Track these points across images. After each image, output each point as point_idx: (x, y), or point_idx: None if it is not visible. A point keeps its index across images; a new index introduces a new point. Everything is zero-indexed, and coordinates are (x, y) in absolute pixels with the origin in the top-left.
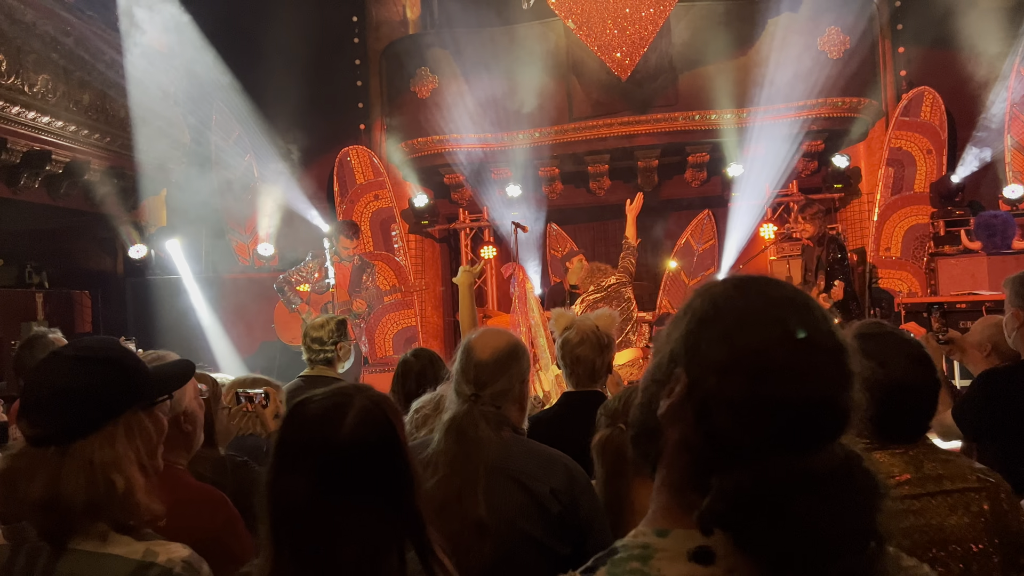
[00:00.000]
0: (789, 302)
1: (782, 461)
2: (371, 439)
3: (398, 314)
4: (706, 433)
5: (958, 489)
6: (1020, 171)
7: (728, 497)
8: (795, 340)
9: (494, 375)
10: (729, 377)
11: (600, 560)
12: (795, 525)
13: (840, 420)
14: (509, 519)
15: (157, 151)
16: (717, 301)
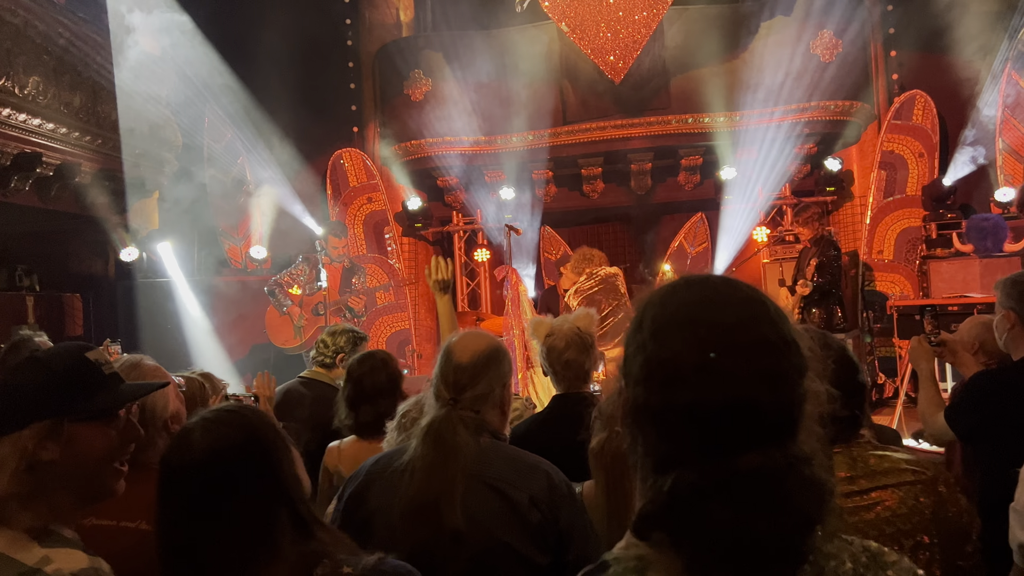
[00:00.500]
0: (705, 304)
1: (701, 466)
2: (220, 447)
3: (392, 317)
4: (643, 442)
5: (893, 484)
6: (1011, 174)
7: (654, 502)
8: (703, 345)
9: (474, 378)
10: (647, 387)
11: (590, 574)
12: (710, 528)
13: (766, 422)
14: (486, 528)
15: (148, 153)
16: (644, 311)
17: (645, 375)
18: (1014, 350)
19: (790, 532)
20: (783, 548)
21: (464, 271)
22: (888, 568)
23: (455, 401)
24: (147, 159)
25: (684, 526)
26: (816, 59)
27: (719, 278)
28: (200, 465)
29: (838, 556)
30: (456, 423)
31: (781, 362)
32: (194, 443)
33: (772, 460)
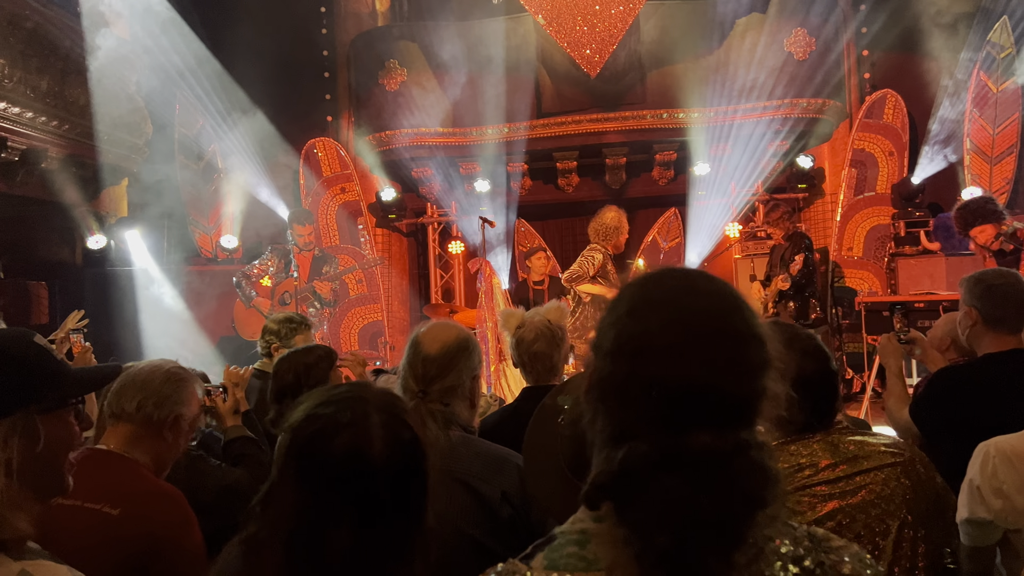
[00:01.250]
0: (683, 290)
1: (655, 439)
2: (397, 465)
3: (364, 308)
4: (605, 414)
5: (875, 467)
6: (978, 174)
7: (606, 472)
8: (676, 325)
9: (443, 370)
10: (615, 359)
11: (538, 547)
12: (655, 500)
13: (725, 405)
14: (454, 524)
15: (118, 140)
16: (623, 293)
17: (615, 347)
18: (977, 346)
19: (732, 512)
20: (723, 526)
21: (438, 263)
22: (831, 552)
23: (424, 394)
24: (116, 145)
25: (631, 496)
26: (790, 57)
27: (699, 271)
28: (377, 463)
29: (780, 538)
30: (425, 416)
31: (746, 354)
32: (374, 437)
33: (722, 442)
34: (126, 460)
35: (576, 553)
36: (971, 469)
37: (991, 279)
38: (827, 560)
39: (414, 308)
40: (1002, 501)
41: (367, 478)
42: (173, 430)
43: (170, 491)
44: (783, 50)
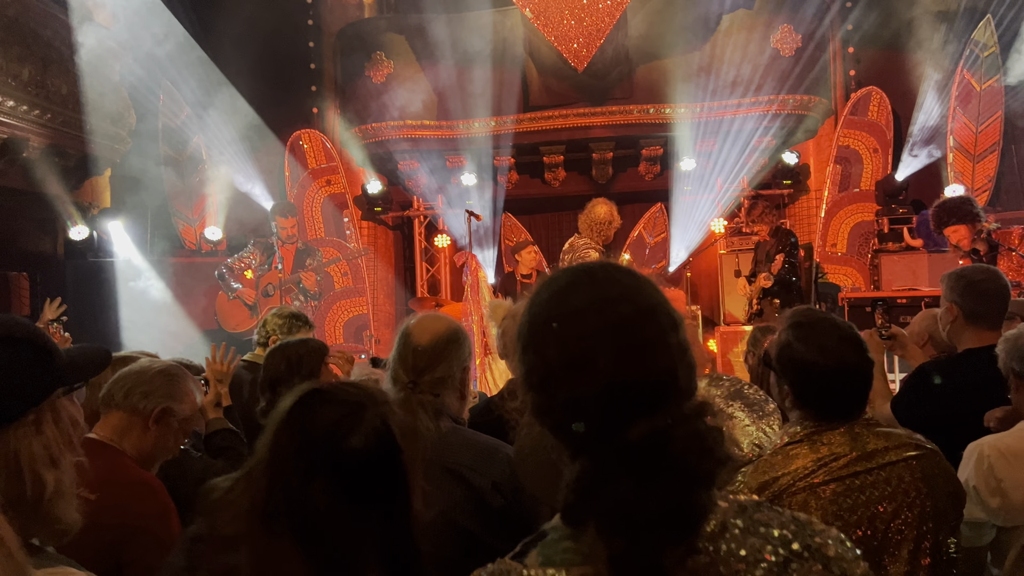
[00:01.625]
0: (559, 301)
1: (597, 449)
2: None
3: (349, 302)
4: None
5: (901, 459)
6: (961, 171)
7: (568, 491)
8: (565, 341)
9: (433, 361)
10: (535, 392)
11: (530, 543)
12: (613, 503)
13: (643, 391)
14: (446, 515)
15: (101, 130)
16: (520, 324)
17: (529, 383)
18: (957, 342)
19: (678, 495)
20: (674, 514)
21: (424, 257)
22: (816, 535)
23: (414, 384)
24: (99, 135)
25: (593, 509)
26: (776, 53)
27: (573, 269)
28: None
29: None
30: (415, 407)
31: (641, 333)
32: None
33: (654, 427)
34: (110, 448)
35: (572, 547)
36: (964, 470)
37: (972, 275)
38: (813, 543)
39: (400, 301)
40: (1000, 499)
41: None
42: (160, 424)
43: (149, 481)
44: (769, 46)
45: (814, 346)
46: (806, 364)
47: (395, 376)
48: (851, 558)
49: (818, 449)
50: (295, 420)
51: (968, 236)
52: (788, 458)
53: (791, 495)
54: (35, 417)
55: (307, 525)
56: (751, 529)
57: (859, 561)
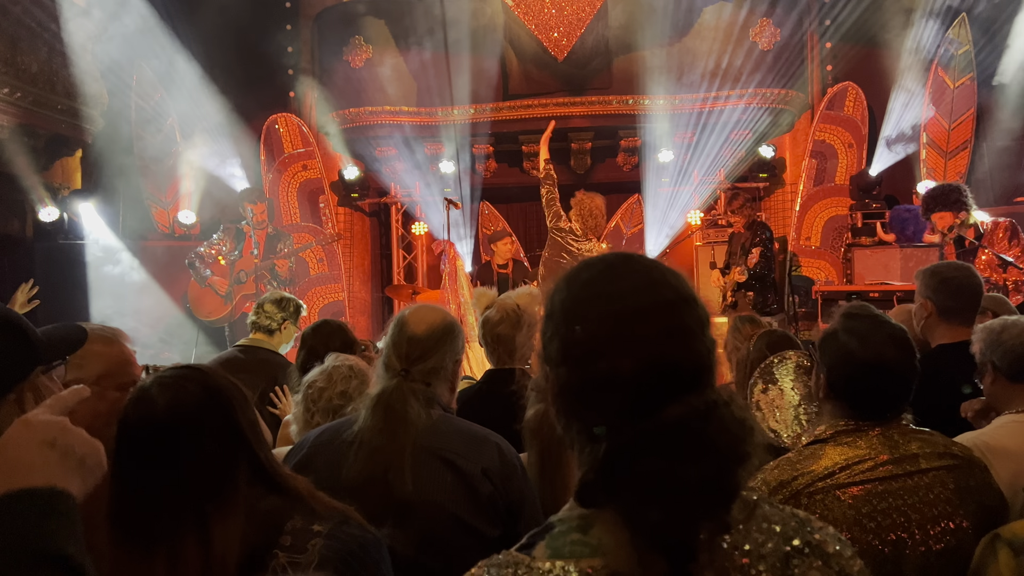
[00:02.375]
0: (605, 279)
1: (629, 427)
2: (180, 402)
3: (324, 288)
4: (576, 418)
5: (934, 468)
6: (933, 168)
7: (591, 468)
8: (611, 317)
9: (427, 351)
10: (567, 368)
11: (537, 536)
12: (643, 481)
13: (680, 374)
14: (436, 500)
15: (72, 110)
16: (553, 299)
17: (563, 357)
18: (931, 337)
19: (716, 471)
20: (708, 488)
21: (401, 244)
22: (816, 532)
23: (406, 372)
24: (70, 115)
25: (621, 485)
26: (755, 46)
27: (614, 254)
28: (159, 421)
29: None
30: (407, 394)
31: (683, 318)
32: (153, 399)
33: (693, 408)
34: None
35: (580, 539)
36: None
37: (946, 272)
38: (813, 539)
39: (376, 288)
40: None
41: (149, 433)
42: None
43: None
44: (749, 40)
45: (856, 336)
46: (844, 352)
47: (388, 363)
48: (848, 555)
49: (844, 450)
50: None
51: (949, 221)
52: (810, 458)
53: (809, 495)
54: (16, 396)
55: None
56: (755, 524)
57: (855, 559)
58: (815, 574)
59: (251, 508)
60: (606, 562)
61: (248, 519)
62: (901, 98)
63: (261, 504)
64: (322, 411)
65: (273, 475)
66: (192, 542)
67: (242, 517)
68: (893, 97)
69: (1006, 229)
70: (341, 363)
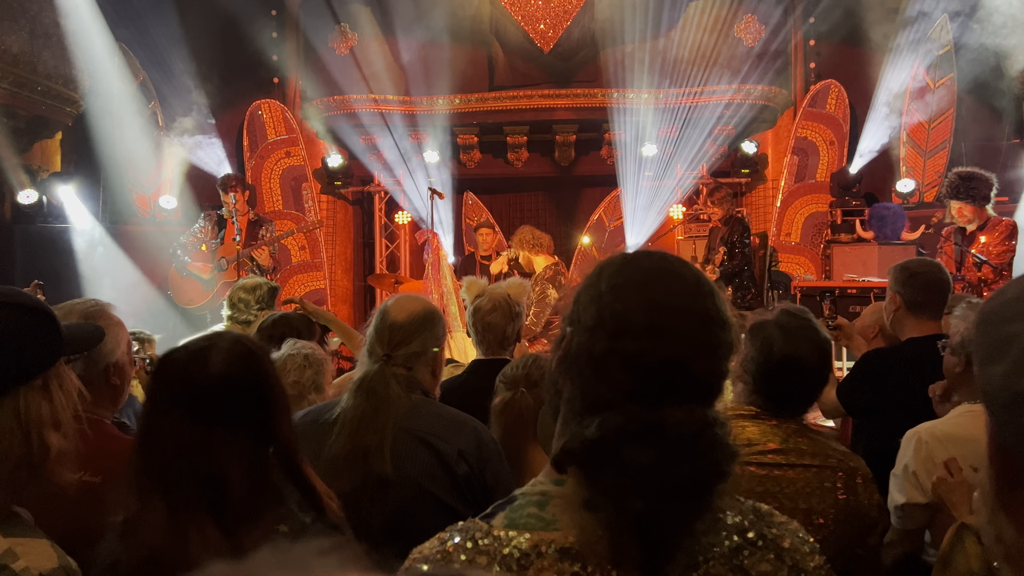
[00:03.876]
0: (662, 272)
1: (631, 411)
2: (237, 372)
3: (306, 275)
4: (578, 385)
5: (817, 465)
6: (913, 166)
7: (579, 438)
8: (655, 306)
9: (408, 336)
10: (595, 334)
11: (499, 507)
12: (630, 467)
13: (696, 383)
14: (414, 479)
15: (52, 91)
16: (603, 271)
17: (596, 323)
18: (899, 331)
19: (702, 481)
20: (693, 494)
21: (384, 233)
22: (774, 527)
23: (388, 357)
24: (51, 97)
25: (603, 463)
26: (740, 43)
27: (675, 257)
28: (216, 379)
29: (727, 510)
30: (389, 377)
31: (718, 335)
32: (213, 361)
33: (693, 418)
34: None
35: (535, 514)
36: (903, 456)
37: (915, 268)
38: (769, 533)
39: (358, 277)
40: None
41: (204, 388)
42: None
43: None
44: (733, 36)
45: (783, 331)
46: (767, 341)
47: (371, 349)
48: (806, 551)
49: (738, 432)
50: (155, 372)
51: (968, 217)
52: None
53: None
54: (42, 382)
55: (173, 464)
56: (709, 516)
57: (814, 555)
58: (766, 566)
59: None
60: (555, 538)
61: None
62: (882, 97)
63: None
64: None
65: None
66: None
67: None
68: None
69: (1007, 227)
70: (297, 351)
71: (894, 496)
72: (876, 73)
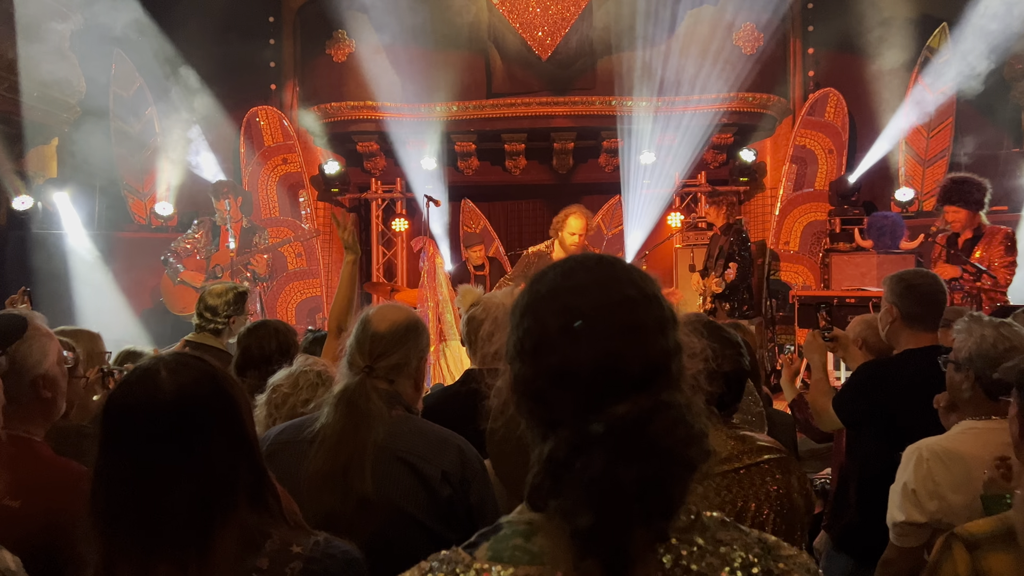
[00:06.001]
0: (567, 275)
1: (575, 424)
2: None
3: (302, 283)
4: (529, 415)
5: (754, 463)
6: (912, 175)
7: (539, 470)
8: (564, 311)
9: (389, 348)
10: (521, 361)
11: (484, 536)
12: (583, 481)
13: (631, 372)
14: (395, 501)
15: (48, 97)
16: (519, 299)
17: (519, 350)
18: (895, 343)
19: (655, 477)
20: (646, 494)
21: (381, 240)
22: (780, 560)
23: (370, 369)
24: (46, 103)
25: (563, 485)
26: (738, 51)
27: (584, 254)
28: (167, 406)
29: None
30: (370, 391)
31: (641, 315)
32: (161, 383)
33: (639, 407)
34: (19, 439)
35: (521, 545)
36: (903, 473)
37: (911, 279)
38: (775, 569)
39: None
40: (938, 502)
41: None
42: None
43: (71, 470)
44: (732, 44)
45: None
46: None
47: (351, 361)
48: None
49: None
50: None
51: (963, 222)
52: None
53: None
54: None
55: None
56: (709, 548)
57: None
58: None
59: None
60: (542, 572)
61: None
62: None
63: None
64: (284, 417)
65: (266, 486)
66: (193, 553)
67: (238, 530)
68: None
69: (1006, 236)
70: (309, 368)
71: (893, 513)
72: (875, 81)
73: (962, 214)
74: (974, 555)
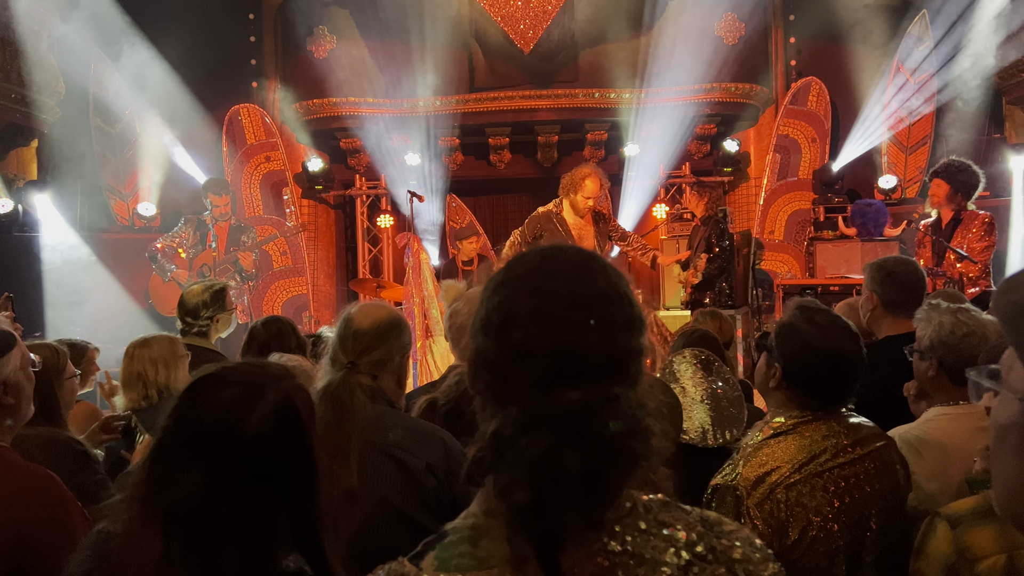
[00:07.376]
0: (545, 259)
1: (525, 403)
2: (278, 438)
3: (288, 281)
4: (484, 392)
5: (873, 449)
6: (894, 163)
7: (483, 445)
8: (537, 292)
9: (372, 344)
10: (485, 336)
11: (430, 544)
12: (524, 460)
13: (591, 364)
14: (381, 495)
15: (27, 98)
16: (491, 279)
17: (485, 323)
18: (877, 329)
19: (597, 464)
20: (587, 479)
21: (366, 237)
22: (723, 536)
23: (353, 365)
24: (25, 104)
25: (505, 461)
26: (720, 41)
27: (566, 244)
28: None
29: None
30: (354, 386)
31: (609, 313)
32: (255, 418)
33: (589, 396)
34: None
35: (468, 552)
36: None
37: (891, 266)
38: (719, 545)
39: (340, 282)
40: (913, 491)
41: (237, 447)
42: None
43: (37, 476)
44: (713, 34)
45: (817, 328)
46: (804, 343)
47: (334, 357)
48: (758, 559)
49: (810, 440)
50: (187, 405)
51: (940, 198)
52: (779, 449)
53: (786, 488)
54: None
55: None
56: (653, 530)
57: (767, 562)
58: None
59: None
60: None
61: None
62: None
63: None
64: None
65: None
66: None
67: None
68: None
69: (984, 222)
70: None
71: None
72: (857, 69)
73: (943, 189)
74: (956, 532)
